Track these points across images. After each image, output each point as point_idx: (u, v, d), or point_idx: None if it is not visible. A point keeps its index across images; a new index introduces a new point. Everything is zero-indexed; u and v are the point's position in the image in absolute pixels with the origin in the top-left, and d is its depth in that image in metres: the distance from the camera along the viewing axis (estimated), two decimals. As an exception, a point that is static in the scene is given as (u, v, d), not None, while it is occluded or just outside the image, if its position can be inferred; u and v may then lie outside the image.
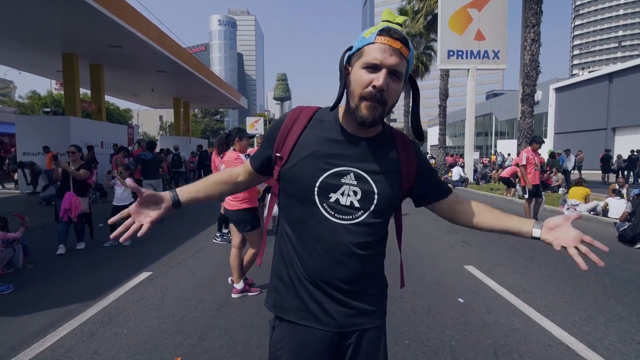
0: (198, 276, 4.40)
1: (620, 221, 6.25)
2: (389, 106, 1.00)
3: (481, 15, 15.74)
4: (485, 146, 44.85)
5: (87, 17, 9.52)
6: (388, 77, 0.96)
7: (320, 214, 1.05)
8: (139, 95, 22.61)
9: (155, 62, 14.19)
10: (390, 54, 0.95)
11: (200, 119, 56.82)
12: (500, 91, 59.95)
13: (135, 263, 4.86)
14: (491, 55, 16.00)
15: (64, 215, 5.24)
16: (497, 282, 4.18)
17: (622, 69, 24.66)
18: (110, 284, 4.06)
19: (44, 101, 32.99)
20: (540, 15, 11.96)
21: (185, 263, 4.91)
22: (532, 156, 7.07)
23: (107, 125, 15.34)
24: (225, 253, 5.29)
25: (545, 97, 29.44)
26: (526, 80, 12.33)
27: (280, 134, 1.11)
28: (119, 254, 5.37)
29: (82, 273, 4.52)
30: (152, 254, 5.25)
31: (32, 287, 4.04)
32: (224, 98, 23.97)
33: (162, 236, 6.47)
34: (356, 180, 1.05)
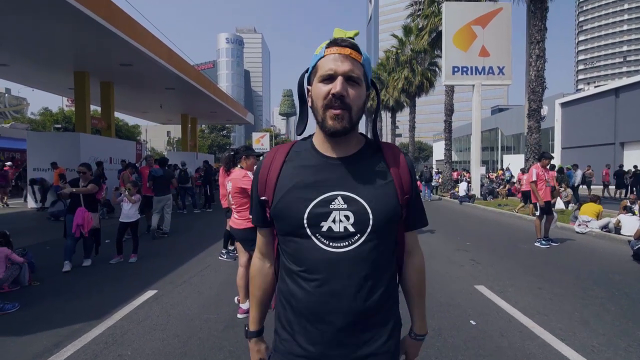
0: (203, 295, 4.34)
1: (635, 239, 6.09)
2: (355, 111, 0.98)
3: (485, 32, 15.89)
4: (492, 161, 44.62)
5: (100, 37, 9.77)
6: (345, 83, 0.96)
7: (315, 245, 0.99)
8: (148, 112, 22.97)
9: (165, 79, 14.45)
10: (342, 61, 0.97)
11: (207, 135, 57.47)
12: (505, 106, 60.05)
13: (141, 281, 4.82)
14: (496, 71, 16.07)
15: (77, 230, 5.28)
16: (510, 304, 4.06)
17: (629, 84, 24.58)
18: (115, 303, 4.01)
19: (55, 118, 33.63)
20: (544, 31, 12.04)
21: (190, 281, 4.85)
22: (542, 172, 6.98)
23: (116, 142, 15.53)
24: (231, 271, 5.24)
25: (551, 112, 29.38)
26: (532, 96, 12.32)
27: (260, 178, 1.09)
28: (125, 271, 5.34)
29: (87, 291, 4.49)
30: (157, 272, 5.21)
31: (38, 305, 4.00)
32: (230, 114, 24.25)
33: (168, 253, 6.45)
34: (345, 203, 0.98)
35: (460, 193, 16.00)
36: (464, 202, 15.49)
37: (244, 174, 3.40)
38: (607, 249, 6.97)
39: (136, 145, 16.80)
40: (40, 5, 7.87)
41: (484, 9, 16.18)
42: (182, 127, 24.32)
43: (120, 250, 5.82)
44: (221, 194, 5.72)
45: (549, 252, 6.62)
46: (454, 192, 17.50)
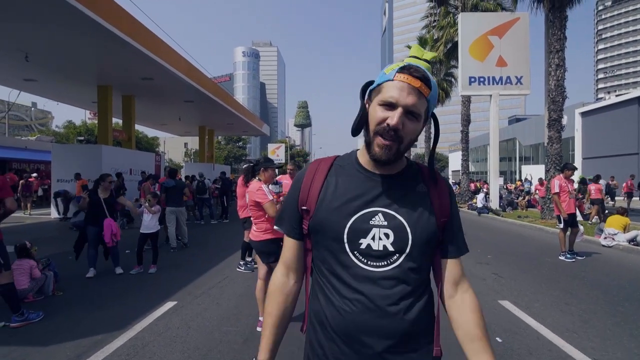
0: (222, 306, 4.34)
1: (667, 253, 5.82)
2: (405, 144, 0.96)
3: (502, 42, 15.76)
4: (509, 171, 43.73)
5: (124, 52, 10.12)
6: (404, 117, 0.92)
7: (353, 263, 0.97)
8: (167, 124, 23.52)
9: (184, 92, 14.81)
10: (407, 93, 0.92)
11: (224, 146, 58.35)
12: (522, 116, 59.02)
13: (161, 291, 4.85)
14: (514, 80, 15.87)
15: (110, 240, 5.52)
16: (537, 320, 3.91)
17: (653, 93, 23.84)
18: (136, 313, 4.05)
19: (79, 130, 34.75)
20: (564, 40, 11.85)
21: (209, 293, 4.86)
22: (565, 184, 6.79)
23: (136, 153, 15.92)
24: (250, 282, 5.25)
25: (570, 122, 28.69)
26: (552, 106, 12.08)
27: (303, 187, 1.07)
28: (145, 282, 5.40)
29: (109, 301, 4.54)
30: (177, 283, 5.25)
31: (61, 315, 4.07)
32: (247, 126, 24.60)
33: (187, 264, 6.50)
34: (386, 220, 0.98)
35: (478, 204, 15.70)
36: (482, 213, 15.18)
37: (259, 187, 3.40)
38: (636, 263, 6.68)
39: (155, 157, 17.17)
40: (68, 22, 8.22)
41: (501, 19, 16.08)
42: (200, 139, 24.77)
43: (140, 260, 5.90)
44: (239, 205, 5.78)
45: (575, 266, 6.39)
46: (472, 203, 17.18)
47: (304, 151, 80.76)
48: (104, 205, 5.62)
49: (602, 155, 26.81)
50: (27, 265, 4.54)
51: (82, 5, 7.64)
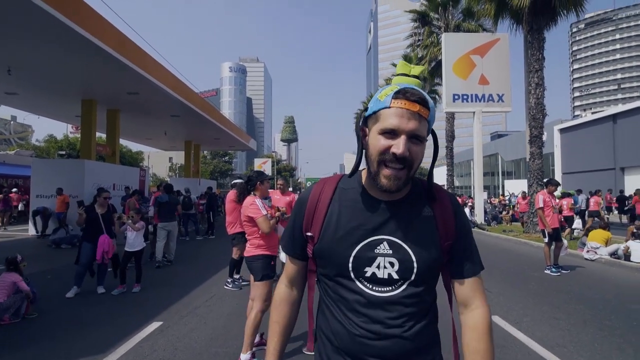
0: (210, 326, 4.21)
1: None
2: (414, 168, 0.95)
3: (484, 61, 16.30)
4: (493, 186, 44.62)
5: (110, 66, 10.02)
6: (409, 142, 0.90)
7: (358, 288, 0.98)
8: (152, 138, 23.22)
9: (170, 107, 14.70)
10: (408, 119, 0.90)
11: (210, 161, 57.83)
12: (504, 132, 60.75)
13: (146, 311, 4.69)
14: (496, 98, 16.37)
15: (102, 257, 5.37)
16: (527, 335, 3.93)
17: (626, 110, 24.94)
18: (119, 335, 3.89)
19: (60, 144, 33.95)
20: (542, 61, 12.34)
21: (196, 312, 4.72)
22: (548, 199, 6.96)
23: (120, 168, 15.61)
24: (238, 300, 5.14)
25: (550, 138, 29.61)
26: (533, 123, 12.47)
27: (307, 211, 1.06)
28: (128, 301, 5.21)
29: (90, 322, 4.36)
30: (162, 302, 5.09)
31: (39, 339, 3.87)
32: (234, 140, 24.49)
33: (172, 282, 6.32)
34: (391, 249, 0.97)
35: (464, 219, 15.86)
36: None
37: (252, 201, 3.31)
38: (619, 277, 6.83)
39: (140, 172, 16.87)
40: (53, 36, 8.11)
41: (482, 40, 16.68)
42: (186, 154, 24.50)
43: (123, 280, 5.68)
44: (228, 221, 5.69)
45: (560, 280, 6.49)
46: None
47: (290, 166, 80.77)
48: (102, 221, 5.49)
49: (581, 170, 27.67)
50: (9, 279, 4.35)
51: (68, 19, 7.57)
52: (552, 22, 12.36)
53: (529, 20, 12.24)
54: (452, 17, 19.38)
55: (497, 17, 13.13)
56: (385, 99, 0.92)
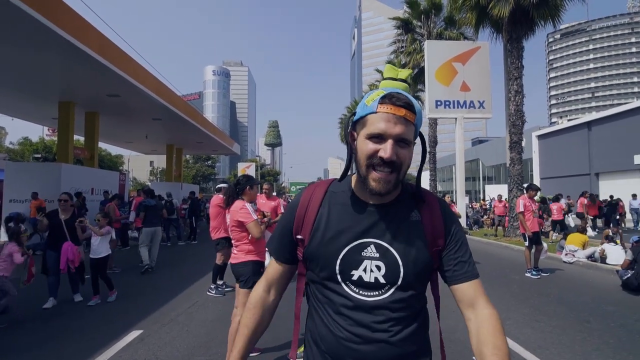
0: (193, 334, 4.10)
1: (623, 269, 6.18)
2: (403, 171, 0.96)
3: (465, 68, 16.66)
4: (474, 191, 45.54)
5: (90, 68, 9.76)
6: (396, 146, 0.92)
7: (345, 292, 0.98)
8: (133, 142, 22.70)
9: (152, 110, 14.41)
10: (394, 123, 0.91)
11: (192, 165, 57.00)
12: (484, 138, 62.20)
13: (125, 320, 4.53)
14: (477, 105, 16.72)
15: (66, 266, 5.04)
16: (510, 338, 3.98)
17: (600, 118, 25.93)
18: (97, 346, 3.74)
19: (35, 147, 32.82)
20: (521, 69, 12.71)
21: (178, 320, 4.60)
22: (529, 203, 7.12)
23: (99, 172, 15.17)
24: (221, 307, 5.03)
25: (528, 144, 30.49)
26: (513, 129, 12.80)
27: (298, 214, 1.07)
28: (107, 310, 5.03)
29: (67, 333, 4.18)
30: (141, 310, 4.93)
31: (12, 354, 3.69)
32: (217, 144, 24.20)
33: (152, 289, 6.15)
34: (377, 252, 0.97)
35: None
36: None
37: (241, 205, 3.24)
38: (596, 279, 7.03)
39: (120, 176, 16.45)
40: (29, 35, 7.85)
41: (464, 47, 17.06)
42: (167, 158, 24.05)
43: (96, 289, 5.32)
44: (212, 226, 5.59)
45: (540, 283, 6.63)
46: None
47: (274, 170, 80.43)
48: (65, 227, 5.21)
49: (558, 176, 28.55)
50: (6, 250, 4.31)
51: (45, 18, 7.33)
52: (530, 32, 12.76)
53: (509, 29, 12.60)
54: (435, 25, 19.77)
55: (478, 26, 13.45)
56: (372, 104, 0.93)
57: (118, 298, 5.46)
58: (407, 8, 20.30)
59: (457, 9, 14.21)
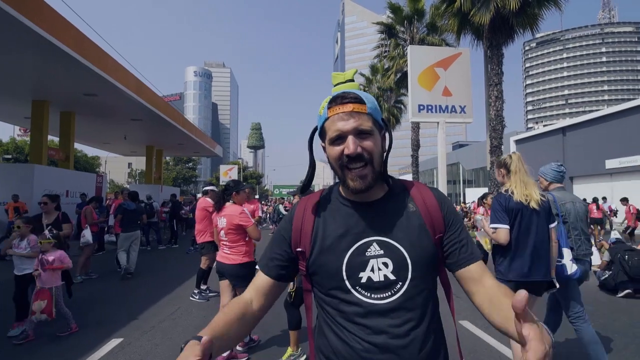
0: (176, 341, 3.96)
1: (600, 270, 6.38)
2: (376, 162, 0.95)
3: (447, 73, 16.94)
4: (454, 194, 46.46)
5: (66, 66, 9.41)
6: (357, 139, 0.93)
7: (357, 299, 0.95)
8: (110, 143, 22.06)
9: (131, 110, 14.04)
10: (346, 120, 0.93)
11: (172, 167, 55.92)
12: (465, 142, 63.68)
13: (104, 327, 4.35)
14: (458, 110, 17.01)
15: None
16: (496, 339, 4.03)
17: (574, 124, 26.97)
18: (75, 355, 3.56)
19: (6, 148, 31.47)
20: (501, 75, 13.05)
21: (160, 326, 4.44)
22: (510, 206, 7.27)
23: (74, 174, 14.63)
24: (206, 313, 4.90)
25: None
26: (493, 134, 13.11)
27: (295, 228, 1.05)
28: (84, 317, 4.81)
29: (42, 341, 3.96)
30: (121, 317, 4.74)
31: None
32: (199, 146, 23.81)
33: (133, 295, 5.93)
34: (382, 249, 0.96)
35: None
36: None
37: (241, 210, 3.34)
38: (574, 280, 7.22)
39: (97, 178, 15.92)
40: (2, 32, 7.50)
41: (445, 53, 17.35)
42: (147, 159, 23.48)
43: (20, 315, 4.12)
44: (197, 229, 5.45)
45: (522, 284, 6.76)
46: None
47: (257, 173, 79.80)
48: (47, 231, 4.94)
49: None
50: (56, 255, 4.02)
51: (16, 12, 7.02)
52: (509, 40, 13.13)
53: (489, 36, 12.93)
54: (417, 30, 20.08)
55: (460, 33, 13.76)
56: (323, 112, 0.97)
57: (97, 304, 5.24)
58: (390, 13, 20.57)
59: (439, 15, 14.49)
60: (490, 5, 12.07)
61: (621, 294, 5.81)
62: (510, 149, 32.16)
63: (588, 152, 24.68)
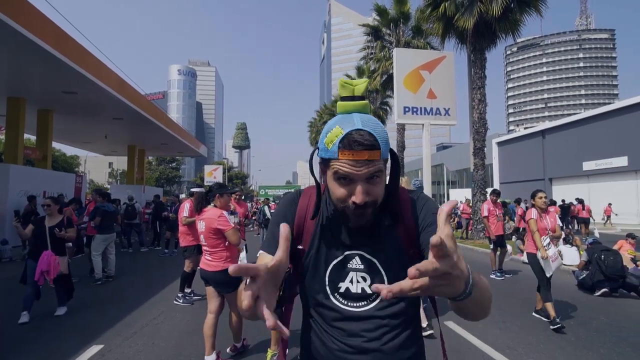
0: (159, 347, 3.87)
1: (578, 269, 6.56)
2: (379, 202, 0.93)
3: (432, 76, 17.14)
4: (439, 195, 47.12)
5: (43, 63, 9.12)
6: (366, 184, 0.88)
7: (334, 304, 1.00)
8: (91, 142, 21.50)
9: (113, 109, 13.70)
10: (359, 168, 0.87)
11: (155, 167, 54.85)
12: (448, 143, 64.73)
13: (83, 334, 4.21)
14: (442, 112, 17.22)
15: (40, 278, 4.54)
16: (480, 339, 4.09)
17: (553, 127, 27.72)
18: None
19: (-21, 146, 30.25)
20: (484, 79, 13.31)
21: (143, 331, 4.33)
22: (492, 207, 7.41)
23: (52, 174, 14.18)
24: (190, 317, 4.80)
25: (489, 150, 32.02)
26: (476, 136, 13.35)
27: (297, 223, 1.04)
28: (62, 323, 4.65)
29: (18, 350, 3.80)
30: (101, 323, 4.60)
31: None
32: (183, 146, 23.43)
33: (114, 300, 5.77)
34: (362, 263, 0.98)
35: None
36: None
37: (220, 213, 3.22)
38: (553, 279, 7.37)
39: (76, 178, 15.46)
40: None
41: (430, 56, 17.53)
42: (129, 159, 22.96)
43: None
44: (180, 231, 5.35)
45: (505, 284, 6.90)
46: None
47: (242, 173, 79.10)
48: (48, 235, 4.70)
49: (516, 180, 30.14)
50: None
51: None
52: (492, 44, 13.41)
53: (473, 41, 13.17)
54: (403, 33, 20.28)
55: (444, 37, 13.96)
56: (332, 148, 0.88)
57: (75, 310, 5.07)
58: (376, 15, 20.71)
59: (425, 19, 14.67)
60: (474, 10, 12.30)
61: (598, 292, 5.98)
62: (492, 151, 32.86)
63: (566, 154, 25.43)
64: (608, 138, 22.44)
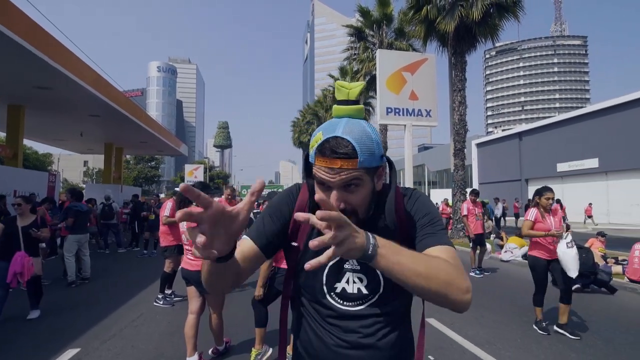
0: (139, 350, 3.77)
1: (553, 266, 6.77)
2: (361, 211, 0.92)
3: (414, 78, 17.41)
4: (419, 195, 47.94)
5: (14, 56, 8.73)
6: (342, 194, 0.89)
7: (330, 303, 1.01)
8: (65, 140, 20.74)
9: (89, 105, 13.26)
10: (333, 174, 0.87)
11: (133, 166, 53.50)
12: (429, 144, 65.88)
13: (59, 337, 4.06)
14: (424, 113, 17.51)
15: (13, 280, 4.35)
16: (461, 335, 4.18)
17: (529, 129, 28.64)
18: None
19: (-57, 143, 28.78)
20: (464, 81, 13.61)
21: (122, 334, 4.21)
22: (472, 207, 7.58)
23: (23, 172, 13.60)
24: (170, 318, 4.71)
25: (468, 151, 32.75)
26: (457, 137, 13.63)
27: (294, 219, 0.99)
28: (35, 327, 4.47)
29: (-17, 356, 3.64)
30: (78, 325, 4.45)
31: None
32: (163, 145, 22.93)
33: (90, 302, 5.60)
34: (359, 264, 0.99)
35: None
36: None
37: None
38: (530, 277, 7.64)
39: (49, 177, 14.90)
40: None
41: (413, 58, 17.83)
42: (106, 158, 22.29)
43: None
44: (161, 230, 5.23)
45: (483, 281, 7.07)
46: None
47: (224, 172, 78.12)
48: (21, 234, 4.52)
49: (494, 181, 30.94)
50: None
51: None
52: (472, 48, 13.72)
53: (453, 44, 13.44)
54: (386, 35, 20.49)
55: (426, 39, 14.20)
56: (312, 153, 0.91)
57: (49, 313, 4.88)
58: (359, 17, 20.85)
59: (407, 21, 14.87)
60: (455, 14, 12.55)
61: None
62: (472, 152, 33.62)
63: (541, 155, 26.29)
64: (580, 140, 23.34)
